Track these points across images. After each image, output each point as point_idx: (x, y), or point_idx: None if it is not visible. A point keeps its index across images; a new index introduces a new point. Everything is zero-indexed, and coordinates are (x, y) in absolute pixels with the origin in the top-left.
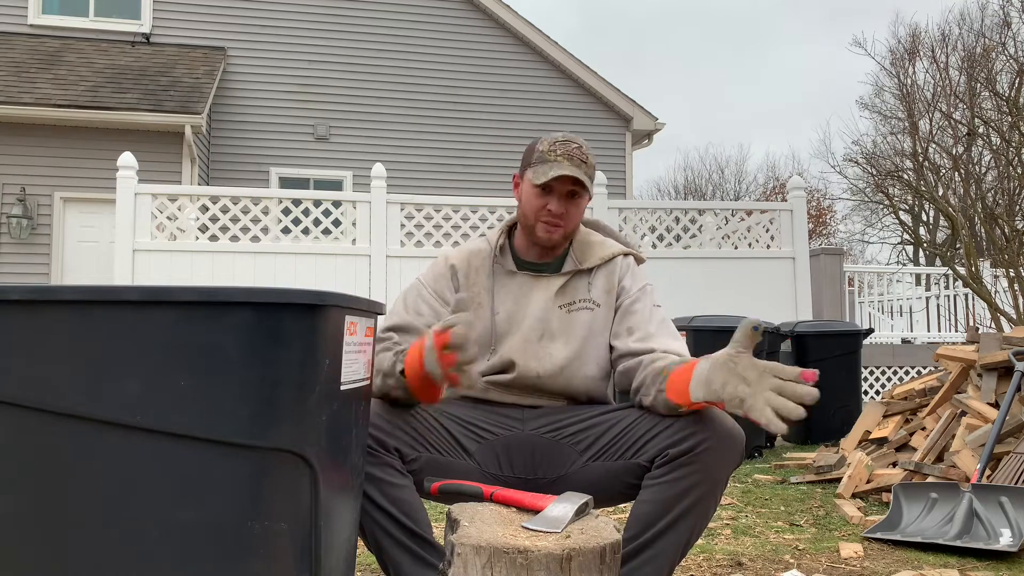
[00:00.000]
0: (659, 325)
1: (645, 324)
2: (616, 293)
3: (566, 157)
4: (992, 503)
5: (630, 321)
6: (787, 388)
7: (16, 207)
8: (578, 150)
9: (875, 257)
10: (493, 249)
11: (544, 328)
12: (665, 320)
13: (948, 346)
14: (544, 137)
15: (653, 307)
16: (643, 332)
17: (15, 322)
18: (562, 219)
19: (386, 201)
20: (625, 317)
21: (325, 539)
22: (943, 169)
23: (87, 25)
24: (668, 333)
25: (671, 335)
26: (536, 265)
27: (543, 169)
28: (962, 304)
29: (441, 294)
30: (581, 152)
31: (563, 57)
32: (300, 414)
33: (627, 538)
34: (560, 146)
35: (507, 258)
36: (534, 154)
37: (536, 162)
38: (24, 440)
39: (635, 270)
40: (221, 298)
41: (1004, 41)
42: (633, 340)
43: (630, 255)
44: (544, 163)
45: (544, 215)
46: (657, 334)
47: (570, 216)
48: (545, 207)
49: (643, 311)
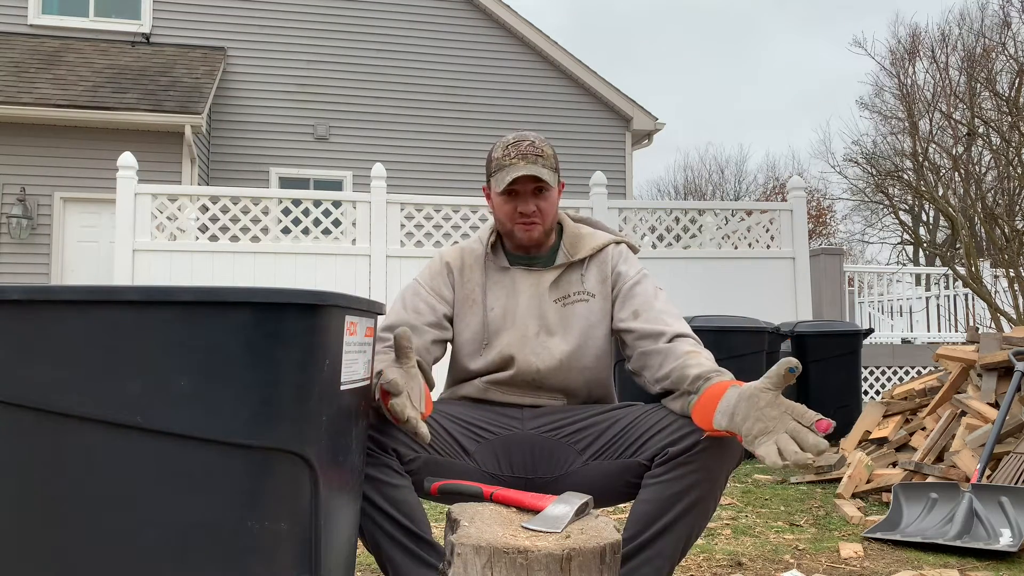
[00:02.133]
0: (664, 304)
1: (650, 305)
2: (612, 281)
3: (520, 157)
4: (992, 503)
5: (634, 303)
6: (800, 434)
7: (16, 207)
8: (531, 147)
9: (875, 257)
10: (485, 247)
11: (542, 323)
12: (668, 301)
13: (948, 346)
14: (497, 143)
15: (656, 289)
16: (650, 313)
17: (15, 322)
18: (536, 216)
19: (386, 201)
20: (628, 301)
21: (325, 539)
22: (943, 169)
23: (87, 25)
24: (673, 314)
25: (676, 316)
26: (528, 259)
27: (501, 176)
28: (962, 304)
29: (439, 291)
30: (534, 147)
31: (563, 57)
32: (300, 414)
33: (627, 537)
34: (513, 148)
35: (499, 255)
36: (492, 162)
37: (495, 170)
38: (24, 440)
39: (628, 256)
40: (221, 298)
41: (1004, 41)
42: (642, 321)
43: (622, 243)
44: (501, 169)
45: (517, 218)
46: (664, 314)
47: (543, 211)
48: (515, 210)
49: (644, 293)
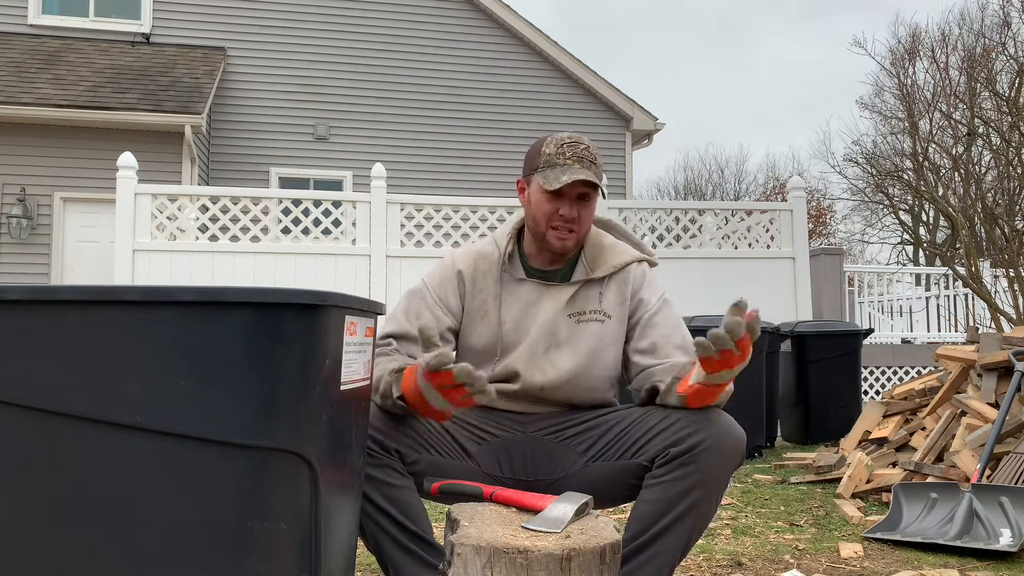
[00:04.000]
0: (682, 340)
1: (669, 340)
2: (631, 306)
3: (576, 160)
4: (992, 503)
5: (652, 336)
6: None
7: (16, 207)
8: (587, 151)
9: (875, 257)
10: (502, 255)
11: (551, 339)
12: (687, 336)
13: (948, 346)
14: (549, 138)
15: (677, 320)
16: (665, 351)
17: (15, 322)
18: (575, 223)
19: (386, 201)
20: (646, 331)
21: (325, 539)
22: (943, 169)
23: (87, 25)
24: (689, 349)
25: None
26: (546, 273)
27: (554, 174)
28: (962, 304)
29: (445, 300)
30: (590, 153)
31: (563, 57)
32: (300, 414)
33: (628, 537)
34: (569, 148)
35: (516, 265)
36: (541, 157)
37: (544, 166)
38: (24, 440)
39: (651, 279)
40: (221, 298)
41: (1004, 41)
42: (654, 358)
43: (644, 261)
44: (554, 167)
45: (556, 220)
46: (680, 350)
47: (582, 220)
48: (557, 212)
49: (664, 324)
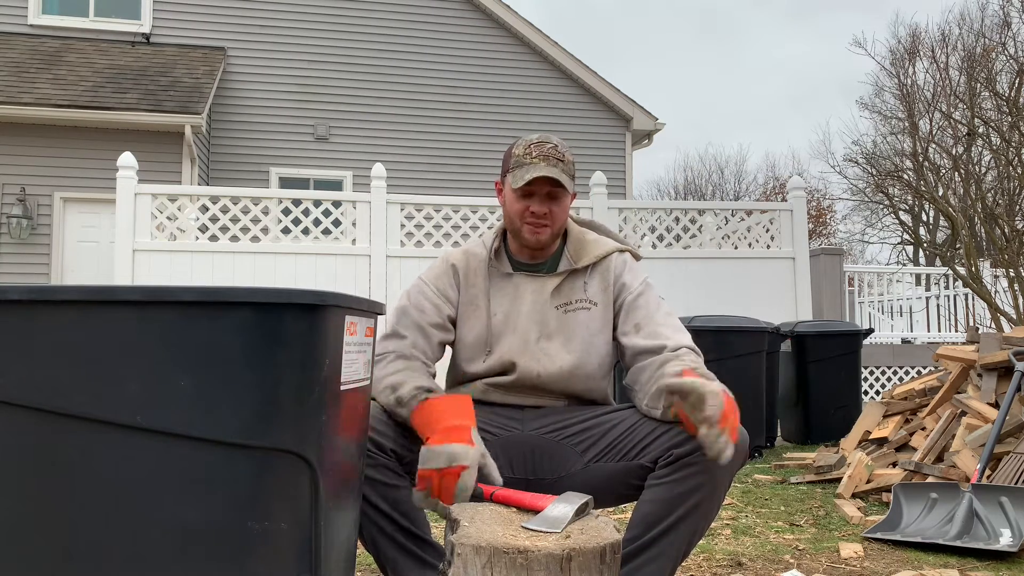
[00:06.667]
0: (666, 318)
1: (652, 319)
2: (615, 291)
3: (542, 158)
4: (992, 503)
5: (636, 317)
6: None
7: (16, 207)
8: (553, 149)
9: (875, 257)
10: (488, 252)
11: (542, 328)
12: (671, 313)
13: (948, 346)
14: (520, 140)
15: (658, 300)
16: (651, 328)
17: (15, 322)
18: (546, 219)
19: (386, 201)
20: (631, 313)
21: (325, 539)
22: (943, 169)
23: (87, 25)
24: (675, 326)
25: (678, 328)
26: (531, 265)
27: (520, 173)
28: (962, 304)
29: (444, 292)
30: (556, 151)
31: (563, 57)
32: (300, 414)
33: (630, 537)
34: (535, 148)
35: (502, 261)
36: (511, 159)
37: (514, 167)
38: (24, 440)
39: (632, 265)
40: (221, 298)
41: (1004, 41)
42: (642, 337)
43: (626, 251)
44: (521, 167)
45: (528, 217)
46: (665, 327)
47: (554, 216)
48: (527, 209)
49: (647, 305)
